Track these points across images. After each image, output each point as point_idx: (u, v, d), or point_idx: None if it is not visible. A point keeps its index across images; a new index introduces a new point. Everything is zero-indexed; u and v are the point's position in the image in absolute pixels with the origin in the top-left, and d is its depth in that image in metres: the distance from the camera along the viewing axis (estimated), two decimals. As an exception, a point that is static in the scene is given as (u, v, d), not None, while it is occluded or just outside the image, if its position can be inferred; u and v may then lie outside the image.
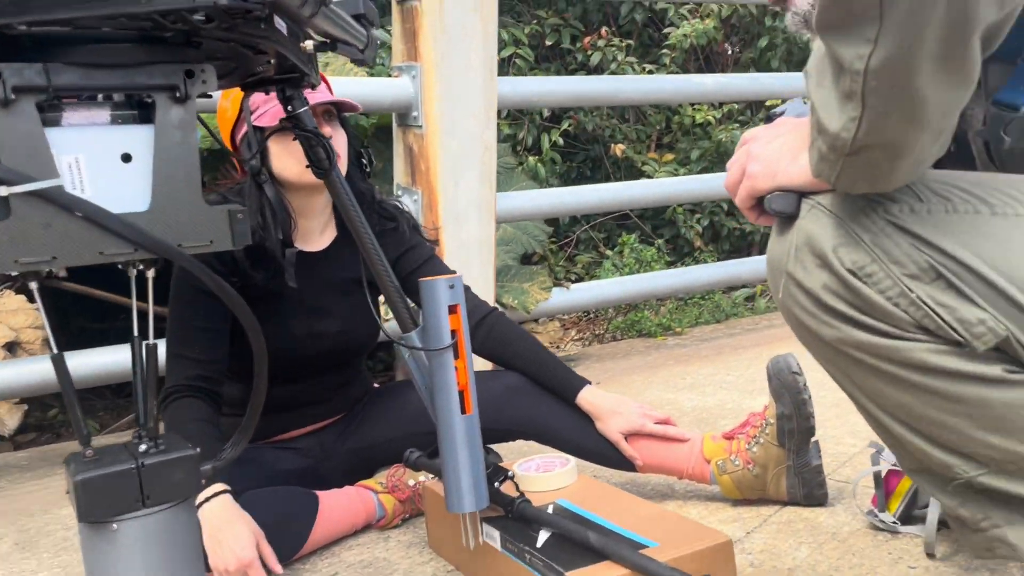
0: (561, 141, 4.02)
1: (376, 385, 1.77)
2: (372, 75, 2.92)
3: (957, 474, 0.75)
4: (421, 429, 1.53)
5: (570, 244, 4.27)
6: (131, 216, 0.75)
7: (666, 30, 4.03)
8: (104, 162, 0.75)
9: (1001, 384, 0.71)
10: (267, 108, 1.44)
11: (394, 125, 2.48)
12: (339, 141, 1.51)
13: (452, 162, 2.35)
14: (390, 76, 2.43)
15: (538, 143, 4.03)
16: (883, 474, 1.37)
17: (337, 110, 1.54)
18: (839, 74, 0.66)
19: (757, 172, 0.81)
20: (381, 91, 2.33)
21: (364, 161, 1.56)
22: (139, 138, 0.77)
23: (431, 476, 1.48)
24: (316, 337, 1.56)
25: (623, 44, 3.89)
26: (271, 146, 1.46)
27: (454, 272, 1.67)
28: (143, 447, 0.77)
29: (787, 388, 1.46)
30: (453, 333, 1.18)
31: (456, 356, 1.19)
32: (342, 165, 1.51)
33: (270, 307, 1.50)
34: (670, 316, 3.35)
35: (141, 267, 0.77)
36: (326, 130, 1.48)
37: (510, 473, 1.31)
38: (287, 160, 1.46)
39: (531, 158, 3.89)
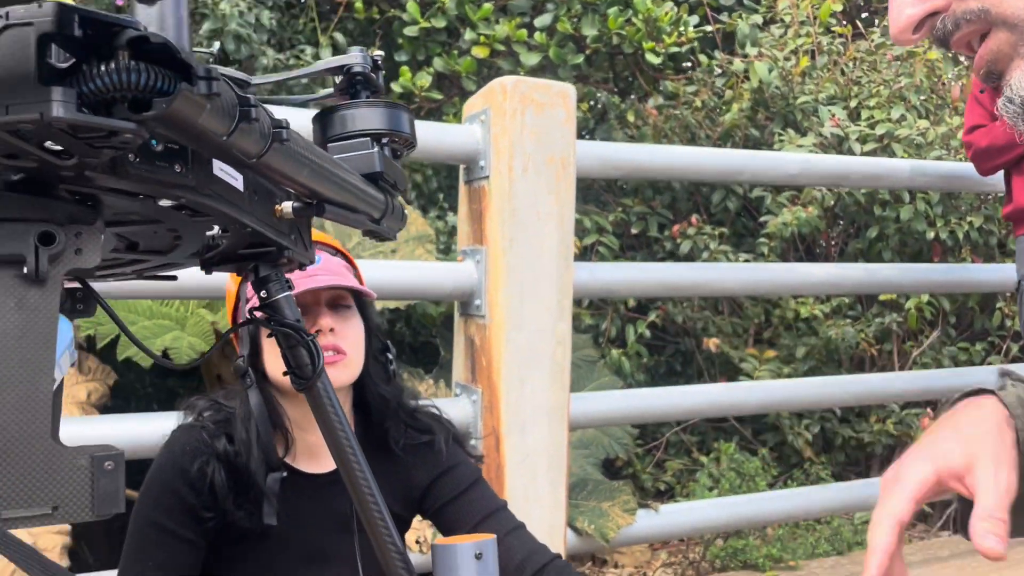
0: (648, 333, 3.66)
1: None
2: (441, 259, 2.70)
3: None
4: None
5: (659, 448, 3.80)
6: None
7: (763, 219, 3.74)
8: None
9: None
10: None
11: (456, 314, 2.20)
12: (347, 336, 1.18)
13: (518, 358, 2.02)
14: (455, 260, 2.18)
15: (622, 335, 3.68)
16: None
17: (355, 297, 1.23)
18: None
19: None
20: (441, 277, 2.07)
21: (390, 356, 1.24)
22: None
23: None
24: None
25: (715, 232, 3.61)
26: (264, 342, 1.16)
27: (503, 504, 1.29)
28: None
29: None
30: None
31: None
32: (354, 366, 1.19)
33: (257, 550, 1.14)
34: (780, 545, 2.80)
35: None
36: (325, 322, 1.16)
37: None
38: (277, 361, 1.15)
39: (614, 351, 3.53)
